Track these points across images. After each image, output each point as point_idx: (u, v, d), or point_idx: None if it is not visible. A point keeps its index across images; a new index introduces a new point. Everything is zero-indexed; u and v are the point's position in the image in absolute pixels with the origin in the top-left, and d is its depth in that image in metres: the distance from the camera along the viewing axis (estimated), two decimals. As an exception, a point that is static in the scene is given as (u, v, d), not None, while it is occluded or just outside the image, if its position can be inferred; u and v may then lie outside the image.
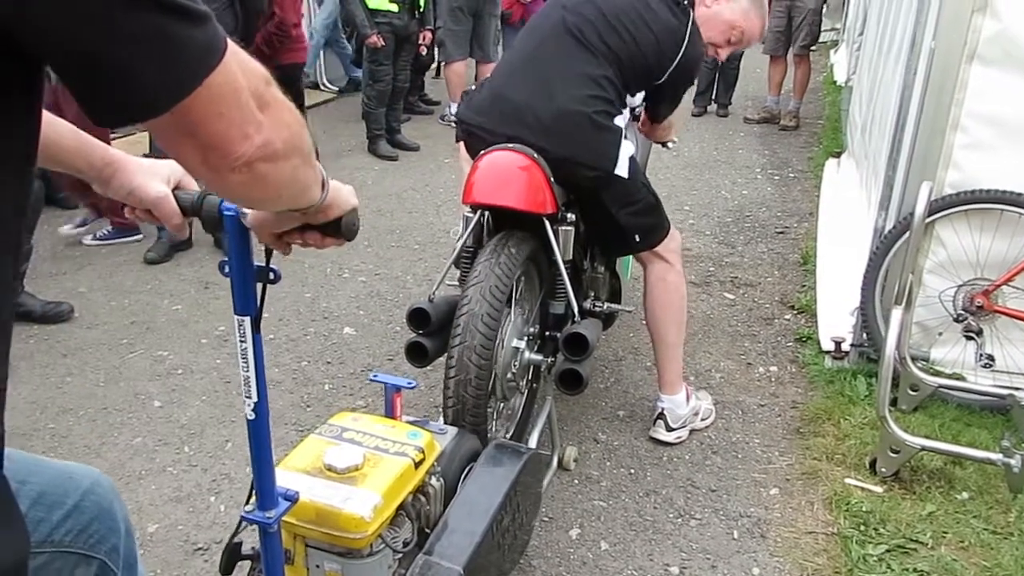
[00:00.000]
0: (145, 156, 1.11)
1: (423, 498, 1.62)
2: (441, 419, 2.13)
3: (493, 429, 2.30)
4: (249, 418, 1.15)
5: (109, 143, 1.12)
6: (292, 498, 1.25)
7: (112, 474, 2.42)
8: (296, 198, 0.90)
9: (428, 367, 2.41)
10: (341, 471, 1.46)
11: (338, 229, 1.03)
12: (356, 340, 3.28)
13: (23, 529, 0.75)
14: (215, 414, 2.75)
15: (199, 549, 2.16)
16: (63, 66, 0.62)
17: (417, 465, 1.54)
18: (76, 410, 2.76)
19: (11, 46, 0.60)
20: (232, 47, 0.68)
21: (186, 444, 2.60)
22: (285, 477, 1.43)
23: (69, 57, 0.61)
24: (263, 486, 1.20)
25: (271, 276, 1.08)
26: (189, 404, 2.81)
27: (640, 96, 2.49)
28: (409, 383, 1.77)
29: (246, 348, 1.10)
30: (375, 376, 1.81)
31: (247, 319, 1.09)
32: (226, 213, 1.05)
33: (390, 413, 1.75)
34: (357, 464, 1.47)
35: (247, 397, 1.13)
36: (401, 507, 1.52)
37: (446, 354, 2.07)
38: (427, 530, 1.62)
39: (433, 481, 1.63)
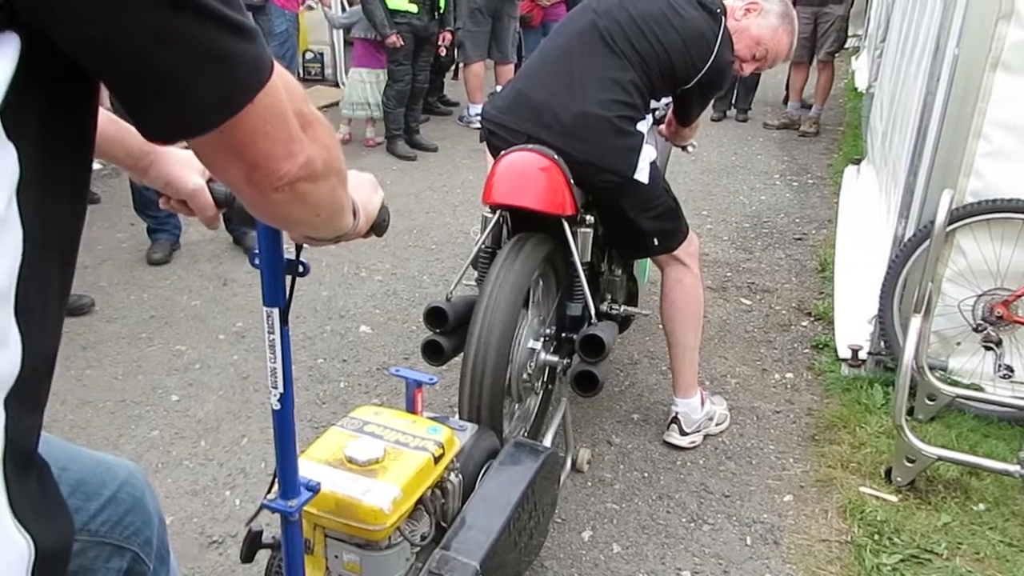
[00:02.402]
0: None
1: (441, 493, 1.63)
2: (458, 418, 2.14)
3: (508, 430, 2.30)
4: (274, 408, 1.17)
5: None
6: (314, 488, 1.26)
7: (129, 466, 2.45)
8: (332, 221, 0.89)
9: (444, 366, 2.42)
10: (362, 463, 1.48)
11: (370, 230, 1.06)
12: (372, 339, 3.29)
13: (68, 514, 0.76)
14: (232, 409, 2.77)
15: (214, 542, 2.18)
16: (113, 79, 0.61)
17: (436, 460, 1.55)
18: (95, 402, 2.78)
19: (58, 54, 0.59)
20: (277, 65, 0.67)
21: (202, 438, 2.62)
22: (307, 467, 1.45)
23: (118, 68, 0.60)
24: (286, 475, 1.22)
25: (300, 269, 1.10)
26: (206, 399, 2.83)
27: (665, 100, 2.48)
28: (430, 379, 1.77)
29: (274, 339, 1.11)
30: (396, 371, 1.82)
31: (275, 311, 1.10)
32: None
33: (411, 408, 1.76)
34: (378, 457, 1.49)
35: (273, 387, 1.15)
36: (420, 501, 1.53)
37: (462, 353, 2.08)
38: (444, 525, 1.63)
39: (452, 477, 1.65)
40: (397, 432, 1.59)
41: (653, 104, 2.38)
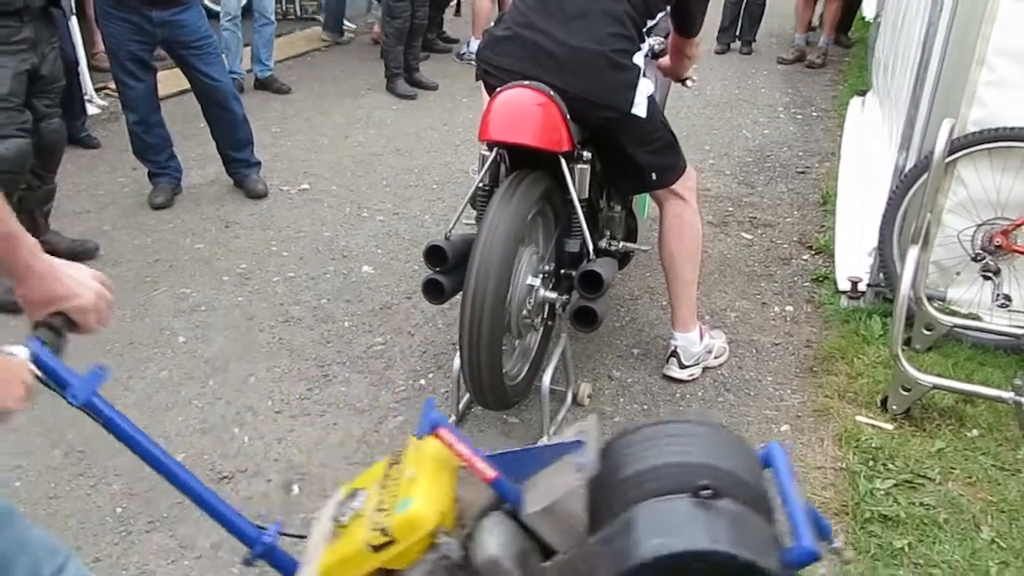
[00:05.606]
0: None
1: None
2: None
3: (508, 366, 2.34)
4: None
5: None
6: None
7: (140, 406, 2.51)
8: None
9: (445, 305, 2.45)
10: (338, 521, 1.26)
11: None
12: (374, 278, 3.32)
13: None
14: (238, 349, 2.82)
15: (224, 477, 2.24)
16: None
17: (376, 549, 1.18)
18: (104, 344, 2.83)
19: None
20: None
21: (210, 378, 2.67)
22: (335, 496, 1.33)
23: None
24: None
25: None
26: (212, 340, 2.88)
27: (660, 16, 2.41)
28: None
29: None
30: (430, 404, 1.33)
31: None
32: None
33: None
34: (341, 520, 1.25)
35: None
36: None
37: (462, 291, 2.11)
38: None
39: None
40: (382, 494, 1.24)
41: (649, 23, 2.32)
